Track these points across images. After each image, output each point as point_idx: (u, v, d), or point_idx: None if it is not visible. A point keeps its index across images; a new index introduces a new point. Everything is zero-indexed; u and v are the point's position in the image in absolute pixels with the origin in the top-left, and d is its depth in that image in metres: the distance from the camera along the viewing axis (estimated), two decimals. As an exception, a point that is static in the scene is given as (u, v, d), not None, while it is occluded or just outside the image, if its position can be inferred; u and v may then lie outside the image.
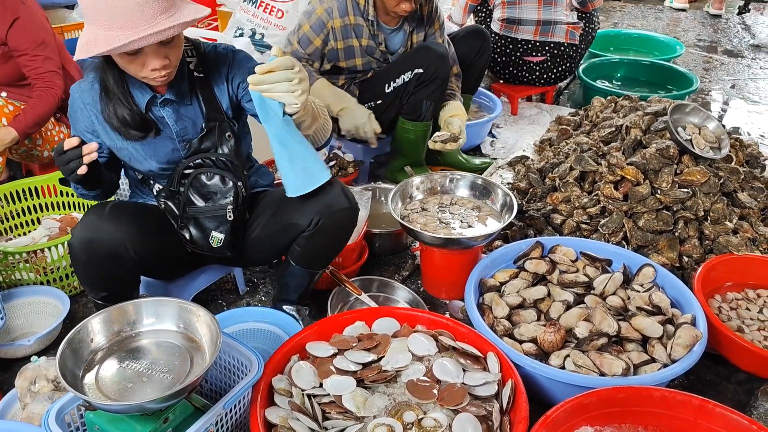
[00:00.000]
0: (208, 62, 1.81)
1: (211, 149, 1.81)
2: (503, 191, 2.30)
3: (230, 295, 2.29)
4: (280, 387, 1.68)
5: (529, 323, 1.94)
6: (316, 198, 1.81)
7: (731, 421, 1.57)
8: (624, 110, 2.87)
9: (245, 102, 1.86)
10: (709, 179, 2.30)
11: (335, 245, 1.96)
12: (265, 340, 2.00)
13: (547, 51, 3.55)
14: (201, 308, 1.54)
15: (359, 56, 2.63)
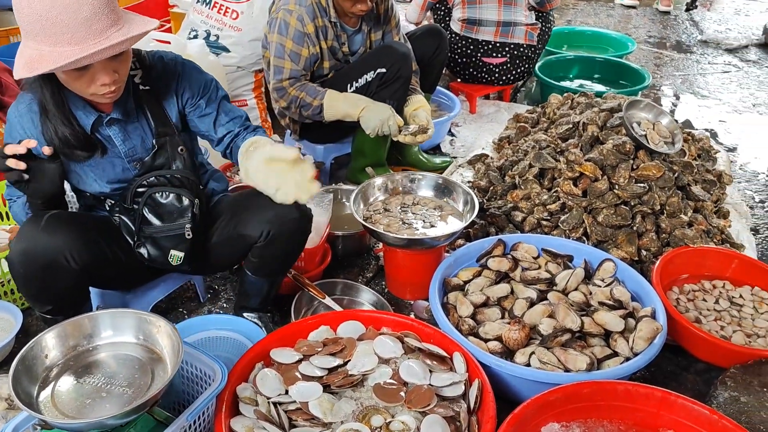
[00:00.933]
0: (155, 75, 1.75)
1: (164, 165, 1.76)
2: (464, 190, 2.31)
3: (191, 303, 2.24)
4: (245, 396, 1.65)
5: (493, 321, 1.95)
6: (267, 208, 1.76)
7: (693, 412, 1.61)
8: (580, 107, 2.91)
9: (194, 117, 1.82)
10: (664, 174, 2.35)
11: (290, 255, 1.93)
12: (228, 348, 1.97)
13: (507, 52, 3.58)
14: (161, 318, 1.50)
15: (327, 58, 2.61)
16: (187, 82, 1.78)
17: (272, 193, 1.66)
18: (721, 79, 4.55)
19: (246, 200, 1.85)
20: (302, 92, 2.51)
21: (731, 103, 4.14)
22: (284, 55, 2.48)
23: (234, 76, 3.17)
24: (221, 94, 1.86)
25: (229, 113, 1.85)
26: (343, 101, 2.52)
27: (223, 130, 1.83)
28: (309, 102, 2.50)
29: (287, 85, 2.51)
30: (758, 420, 1.71)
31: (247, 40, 3.13)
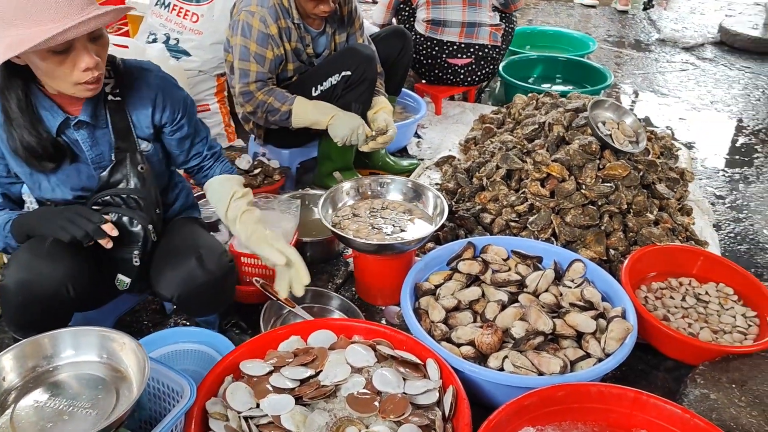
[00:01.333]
0: (129, 84, 1.69)
1: (121, 182, 1.69)
2: (434, 194, 2.29)
3: (156, 315, 2.18)
4: (214, 411, 1.60)
5: (465, 325, 1.94)
6: (177, 268, 1.69)
7: (665, 411, 1.62)
8: (545, 107, 2.92)
9: (172, 136, 1.78)
10: (630, 173, 2.37)
11: (212, 307, 1.88)
12: (196, 362, 1.91)
13: (472, 53, 3.58)
14: (125, 336, 1.44)
15: (291, 60, 2.56)
16: (168, 98, 1.74)
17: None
18: (680, 77, 4.64)
19: (166, 248, 1.77)
20: (270, 97, 2.46)
21: (690, 101, 4.21)
22: (249, 57, 2.43)
23: (195, 80, 3.11)
24: (194, 111, 1.85)
25: (200, 132, 1.86)
26: (312, 108, 2.48)
27: (193, 152, 1.85)
28: (277, 107, 2.46)
29: (254, 89, 2.46)
30: (728, 417, 1.74)
31: (208, 44, 3.06)
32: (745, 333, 2.05)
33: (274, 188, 2.69)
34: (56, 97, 1.60)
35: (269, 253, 1.79)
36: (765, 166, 3.37)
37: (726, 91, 4.38)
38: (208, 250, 1.72)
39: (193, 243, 1.73)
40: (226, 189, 1.85)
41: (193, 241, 1.74)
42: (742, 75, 4.68)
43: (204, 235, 1.82)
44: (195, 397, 1.51)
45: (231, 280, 1.80)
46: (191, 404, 1.49)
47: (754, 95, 4.31)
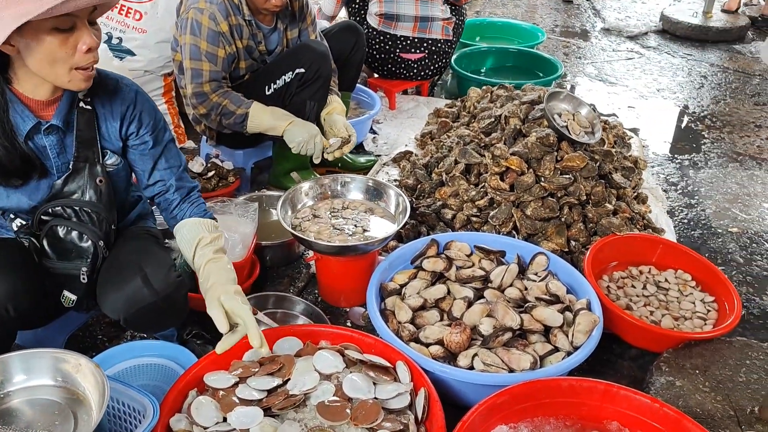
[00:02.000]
0: (102, 94, 1.60)
1: (75, 193, 1.60)
2: (395, 192, 2.26)
3: (111, 329, 2.08)
4: (179, 428, 1.54)
5: (433, 324, 1.92)
6: (118, 290, 1.60)
7: (634, 401, 1.63)
8: (500, 100, 2.92)
9: (135, 152, 1.69)
10: (588, 164, 2.38)
11: (164, 324, 1.80)
12: (157, 376, 1.84)
13: (425, 48, 3.56)
14: (81, 356, 1.37)
15: (243, 58, 2.48)
16: (138, 112, 1.65)
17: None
18: (626, 65, 4.72)
19: (110, 265, 1.66)
20: (225, 99, 2.37)
21: (637, 89, 4.29)
22: (201, 56, 2.34)
23: (141, 80, 2.99)
24: (168, 137, 1.74)
25: (169, 159, 1.74)
26: (269, 114, 2.40)
27: (157, 176, 1.73)
28: (232, 110, 2.37)
29: (209, 90, 2.36)
30: (694, 403, 1.76)
31: (154, 43, 2.95)
32: (705, 318, 2.08)
33: (230, 191, 2.61)
34: (28, 99, 1.50)
35: (215, 316, 1.60)
36: (712, 151, 3.45)
37: (671, 78, 4.48)
38: (154, 268, 1.62)
39: (138, 259, 1.63)
40: (193, 235, 1.71)
41: (139, 256, 1.64)
42: (686, 62, 4.79)
43: (152, 249, 1.71)
44: (158, 416, 1.44)
45: (181, 296, 1.70)
46: (155, 424, 1.42)
47: (697, 82, 4.42)
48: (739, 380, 1.83)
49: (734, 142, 3.55)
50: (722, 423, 1.72)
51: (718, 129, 3.72)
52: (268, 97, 2.48)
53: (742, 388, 1.81)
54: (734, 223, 2.82)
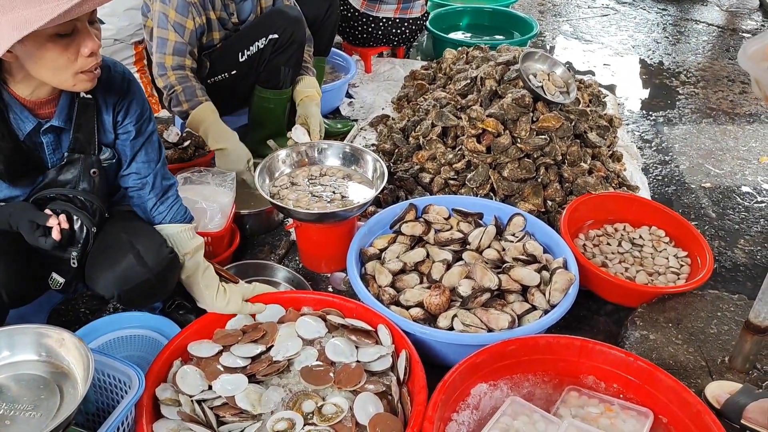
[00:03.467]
0: (101, 83, 1.55)
1: (69, 183, 1.57)
2: (372, 157, 2.26)
3: (93, 302, 2.09)
4: (165, 397, 1.56)
5: (413, 287, 1.95)
6: (114, 264, 1.59)
7: (609, 356, 1.68)
8: (476, 61, 2.91)
9: (122, 141, 1.65)
10: (563, 124, 2.40)
11: (155, 299, 1.79)
12: (141, 347, 1.85)
13: (406, 27, 3.53)
14: (64, 331, 1.37)
15: (216, 29, 2.43)
16: (128, 102, 1.61)
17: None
18: (602, 22, 4.71)
19: (101, 246, 1.63)
20: (180, 86, 2.29)
21: (612, 46, 4.30)
22: (167, 26, 2.29)
23: (111, 50, 2.93)
24: (151, 129, 1.70)
25: (149, 153, 1.70)
26: (209, 126, 2.30)
27: (133, 167, 1.69)
28: (180, 101, 2.30)
29: (169, 65, 2.30)
30: (667, 355, 1.82)
31: (123, 10, 2.88)
32: (678, 273, 2.14)
33: (207, 159, 2.59)
34: (26, 101, 1.47)
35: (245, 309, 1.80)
36: (686, 107, 3.49)
37: (647, 35, 4.49)
38: (146, 245, 1.62)
39: (129, 238, 1.62)
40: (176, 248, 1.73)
41: (129, 235, 1.63)
42: (661, 18, 4.79)
43: (141, 227, 1.71)
44: (144, 386, 1.46)
45: (173, 272, 1.71)
46: (141, 394, 1.44)
47: (672, 38, 4.43)
48: (711, 332, 1.89)
49: (708, 98, 3.59)
50: (694, 373, 1.78)
51: (693, 84, 3.75)
52: (242, 64, 2.45)
53: (713, 340, 1.87)
54: (707, 178, 2.87)
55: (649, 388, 1.62)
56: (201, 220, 2.10)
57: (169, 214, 1.73)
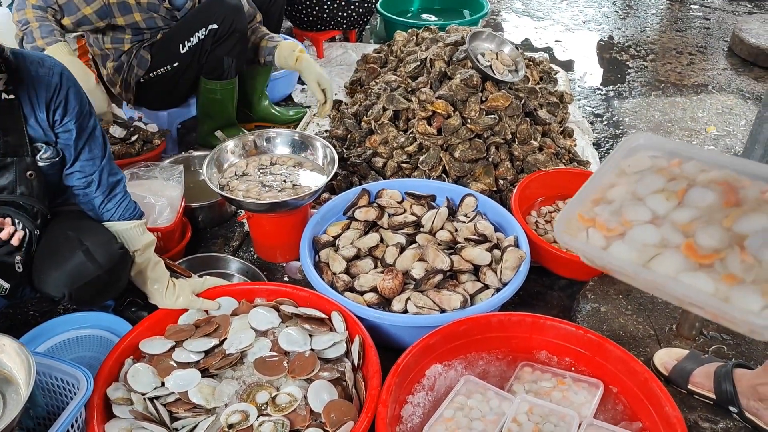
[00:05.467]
0: (24, 81, 1.49)
1: (5, 189, 1.52)
2: (322, 143, 2.25)
3: (43, 304, 2.05)
4: (117, 397, 1.55)
5: (367, 273, 1.95)
6: (59, 267, 1.57)
7: (560, 330, 1.71)
8: (426, 42, 2.90)
9: (63, 140, 1.59)
10: (512, 103, 2.41)
11: (107, 296, 1.76)
12: (94, 348, 1.83)
13: (354, 8, 3.51)
14: (3, 337, 1.35)
15: (137, 11, 2.34)
16: (63, 98, 1.54)
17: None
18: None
19: (47, 246, 1.60)
20: (36, 23, 2.19)
21: (564, 22, 4.33)
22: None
23: (52, 44, 2.85)
24: (92, 124, 1.64)
25: (93, 149, 1.65)
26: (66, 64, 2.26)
27: (77, 166, 1.64)
28: (35, 37, 2.19)
29: (30, 4, 2.20)
30: (618, 326, 1.86)
31: (61, 3, 2.80)
32: (628, 245, 2.17)
33: (156, 154, 2.55)
34: None
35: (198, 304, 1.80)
36: (636, 80, 3.53)
37: (596, 9, 4.52)
38: (95, 241, 1.60)
39: (77, 235, 1.59)
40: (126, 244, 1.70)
41: (77, 233, 1.60)
42: (611, -8, 4.84)
43: (89, 224, 1.67)
44: (92, 387, 1.44)
45: (124, 268, 1.69)
46: (89, 395, 1.42)
47: (621, 12, 4.48)
48: (659, 302, 1.93)
49: (657, 70, 3.64)
50: (643, 342, 1.82)
51: (642, 58, 3.80)
52: (183, 55, 2.41)
53: (661, 309, 1.91)
54: (657, 150, 2.91)
55: (599, 360, 1.66)
56: (150, 215, 2.07)
57: (118, 211, 1.70)
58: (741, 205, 1.02)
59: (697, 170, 1.09)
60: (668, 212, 1.06)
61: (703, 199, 1.05)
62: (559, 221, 1.13)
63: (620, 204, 1.11)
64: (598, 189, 1.15)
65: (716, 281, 0.96)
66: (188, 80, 2.55)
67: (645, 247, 1.04)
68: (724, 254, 0.98)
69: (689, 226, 1.03)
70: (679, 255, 1.01)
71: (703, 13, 4.09)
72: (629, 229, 1.07)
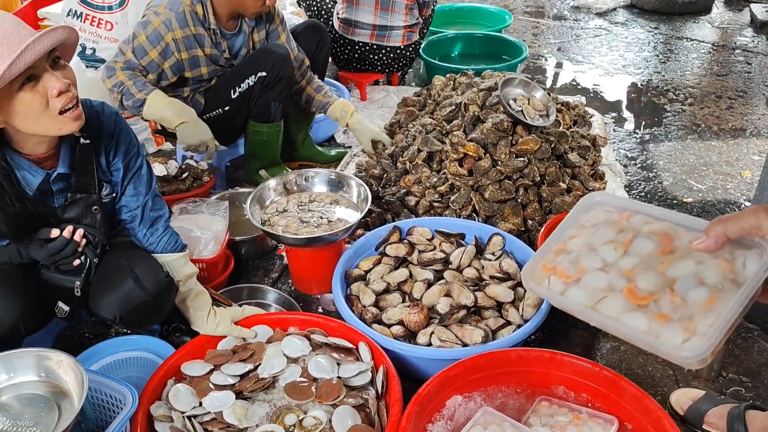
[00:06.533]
0: (93, 126, 1.69)
1: (73, 220, 1.70)
2: (356, 182, 2.38)
3: (97, 327, 2.22)
4: (159, 414, 1.68)
5: (395, 306, 2.05)
6: (116, 287, 1.73)
7: (578, 367, 1.76)
8: (461, 87, 3.04)
9: (114, 178, 1.78)
10: (541, 146, 2.51)
11: (154, 320, 1.93)
12: (140, 369, 1.97)
13: (384, 54, 3.68)
14: (61, 353, 1.50)
15: (204, 65, 2.60)
16: (116, 141, 1.75)
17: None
18: (593, 43, 4.83)
19: (102, 273, 1.76)
20: (130, 81, 2.45)
21: (603, 66, 4.40)
22: (131, 44, 2.45)
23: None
24: (139, 164, 1.82)
25: (137, 186, 1.83)
26: (166, 106, 2.48)
27: (122, 201, 1.82)
28: (133, 93, 2.45)
29: (119, 67, 2.45)
30: (636, 365, 1.91)
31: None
32: (652, 286, 2.22)
33: (205, 190, 2.73)
34: (31, 157, 1.60)
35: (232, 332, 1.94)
36: (672, 124, 3.58)
37: (637, 54, 4.59)
38: (144, 270, 1.76)
39: (128, 264, 1.76)
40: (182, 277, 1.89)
41: (128, 262, 1.77)
42: (652, 36, 4.90)
43: (139, 254, 1.84)
44: (137, 403, 1.58)
45: (170, 295, 1.85)
46: (134, 410, 1.56)
47: (662, 56, 4.53)
48: (679, 342, 1.97)
49: (694, 114, 3.67)
50: (662, 382, 1.87)
51: (680, 102, 3.84)
52: (234, 100, 2.61)
53: (681, 349, 1.95)
54: (690, 193, 2.95)
55: (615, 397, 1.71)
56: (195, 247, 2.23)
57: (160, 245, 1.87)
58: (674, 253, 1.13)
59: (642, 222, 1.21)
60: (616, 260, 1.18)
61: (644, 248, 1.17)
62: (526, 270, 1.28)
63: (577, 254, 1.24)
64: (561, 241, 1.29)
65: (650, 320, 1.08)
66: (238, 123, 2.74)
67: (595, 291, 1.17)
68: (658, 296, 1.09)
69: (632, 272, 1.15)
70: (622, 297, 1.13)
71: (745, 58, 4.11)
72: (583, 275, 1.20)
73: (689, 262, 1.10)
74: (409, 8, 3.59)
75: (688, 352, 1.00)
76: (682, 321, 1.05)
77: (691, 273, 1.09)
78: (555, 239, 1.30)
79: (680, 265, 1.11)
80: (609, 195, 1.31)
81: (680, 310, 1.06)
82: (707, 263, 1.08)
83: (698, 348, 0.99)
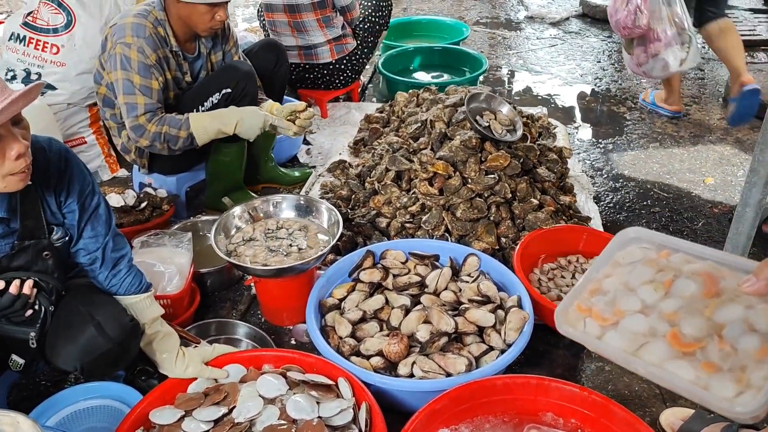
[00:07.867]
0: (40, 166, 1.54)
1: (22, 268, 1.57)
2: (326, 206, 2.31)
3: (54, 374, 2.07)
4: (127, 470, 1.57)
5: (373, 336, 1.98)
6: (72, 342, 1.61)
7: (565, 392, 1.72)
8: (426, 103, 2.99)
9: (69, 221, 1.65)
10: (511, 161, 2.47)
11: (118, 368, 1.80)
12: (105, 418, 1.84)
13: (318, 71, 3.61)
14: (18, 415, 1.37)
15: (171, 89, 2.51)
16: (68, 181, 1.61)
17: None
18: (550, 53, 4.85)
19: (58, 320, 1.64)
20: (164, 126, 2.37)
21: (561, 76, 4.42)
22: (134, 90, 2.34)
23: (65, 114, 2.96)
24: (95, 203, 1.69)
25: (96, 227, 1.70)
26: (210, 121, 2.42)
27: (80, 244, 1.69)
28: (174, 134, 2.38)
29: (144, 121, 2.36)
30: (623, 385, 1.88)
31: (74, 75, 2.92)
32: (630, 301, 2.19)
33: (165, 219, 2.61)
34: None
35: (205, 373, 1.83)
36: (634, 133, 3.60)
37: (593, 63, 4.63)
38: (105, 315, 1.64)
39: (88, 310, 1.64)
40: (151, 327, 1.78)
41: (88, 307, 1.65)
42: (606, 45, 4.95)
43: (100, 297, 1.72)
44: (104, 461, 1.47)
45: (135, 340, 1.73)
46: (101, 470, 1.45)
47: (617, 64, 4.58)
48: (663, 358, 1.95)
49: (653, 122, 3.71)
50: (649, 402, 1.84)
51: (639, 110, 3.88)
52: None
53: (665, 366, 1.92)
54: (656, 202, 2.96)
55: (604, 421, 1.67)
56: (159, 282, 2.11)
57: (123, 286, 1.75)
58: (721, 296, 1.06)
59: (683, 261, 1.15)
60: (656, 302, 1.11)
61: (687, 289, 1.10)
62: (559, 312, 1.19)
63: (614, 295, 1.16)
64: (595, 280, 1.21)
65: (696, 369, 1.00)
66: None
67: (635, 336, 1.09)
68: (705, 343, 1.02)
69: (674, 316, 1.08)
70: (665, 344, 1.06)
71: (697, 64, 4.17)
72: (621, 318, 1.12)
73: (737, 306, 1.03)
74: (322, 22, 3.48)
75: (741, 407, 0.93)
76: (733, 372, 0.97)
77: (740, 318, 1.02)
78: (589, 278, 1.21)
79: (728, 309, 1.04)
80: (644, 230, 1.23)
81: (730, 359, 0.99)
82: (758, 308, 1.01)
83: (752, 404, 0.92)
